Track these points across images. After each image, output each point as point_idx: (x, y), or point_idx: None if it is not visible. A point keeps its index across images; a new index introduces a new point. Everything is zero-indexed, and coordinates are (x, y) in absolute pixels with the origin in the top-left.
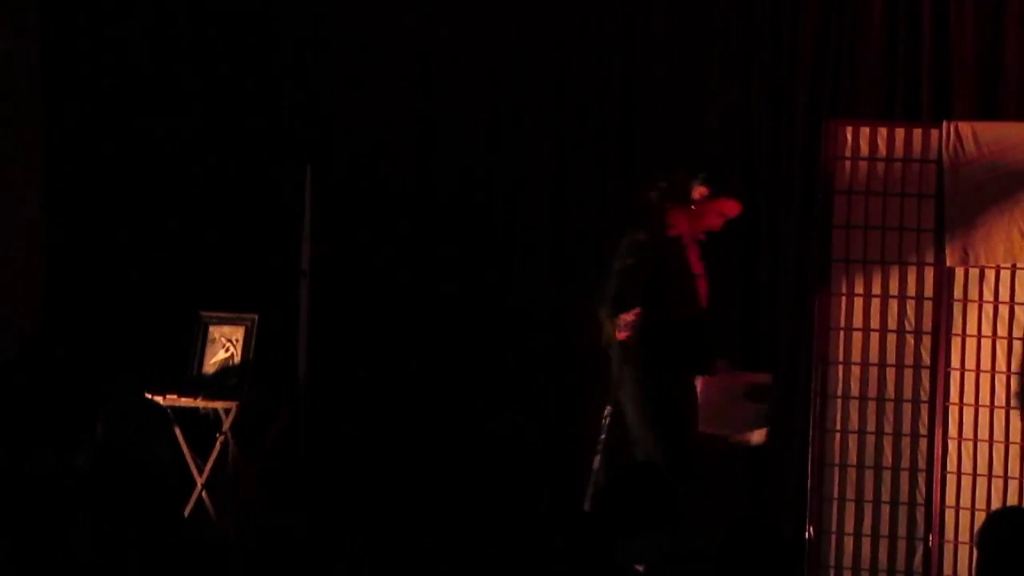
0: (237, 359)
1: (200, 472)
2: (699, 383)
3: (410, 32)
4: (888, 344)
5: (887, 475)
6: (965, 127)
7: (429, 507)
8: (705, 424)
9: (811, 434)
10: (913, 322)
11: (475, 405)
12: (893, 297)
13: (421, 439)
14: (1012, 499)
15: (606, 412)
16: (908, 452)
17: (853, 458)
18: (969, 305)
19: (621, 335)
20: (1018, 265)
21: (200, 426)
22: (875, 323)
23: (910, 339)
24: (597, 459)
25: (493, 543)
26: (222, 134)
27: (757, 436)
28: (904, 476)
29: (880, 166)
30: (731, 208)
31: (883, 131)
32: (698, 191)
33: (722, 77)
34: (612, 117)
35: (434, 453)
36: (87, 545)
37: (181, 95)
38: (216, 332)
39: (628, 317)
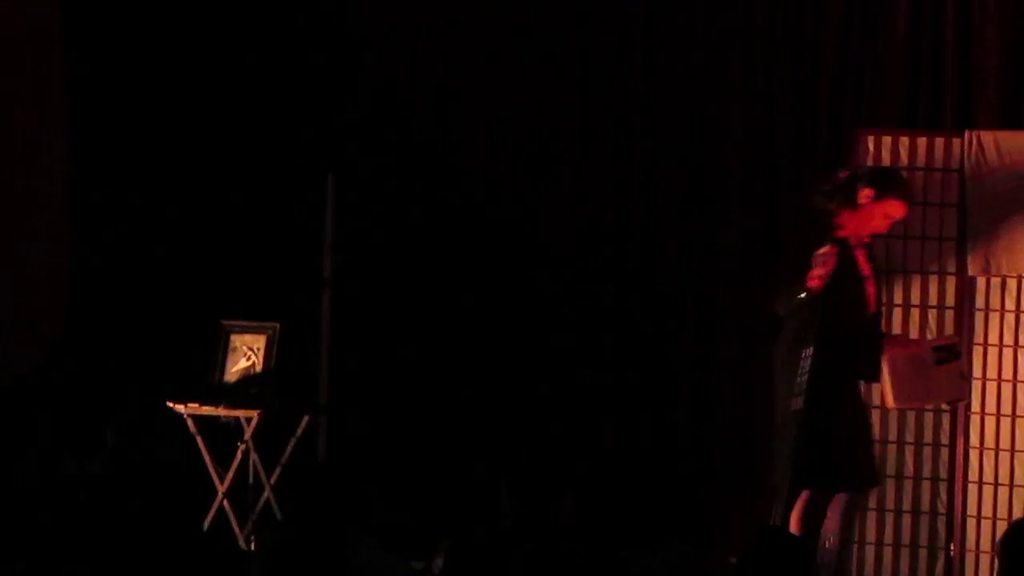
0: (259, 368)
1: (221, 481)
2: (885, 362)
3: (431, 36)
4: None
5: (908, 484)
6: (987, 136)
7: (449, 515)
8: (904, 399)
9: None
10: (935, 331)
11: (498, 414)
12: (915, 306)
13: (444, 448)
14: None
15: (805, 353)
16: (930, 461)
17: None
18: (991, 314)
19: (813, 282)
20: None
21: (222, 435)
22: (897, 332)
23: None
24: (799, 400)
25: (513, 550)
26: (244, 142)
27: (963, 396)
28: (926, 485)
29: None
30: (897, 209)
31: (905, 140)
32: (863, 193)
33: (744, 86)
34: (634, 128)
35: (456, 461)
36: (101, 547)
37: (203, 103)
38: (238, 340)
39: (823, 253)
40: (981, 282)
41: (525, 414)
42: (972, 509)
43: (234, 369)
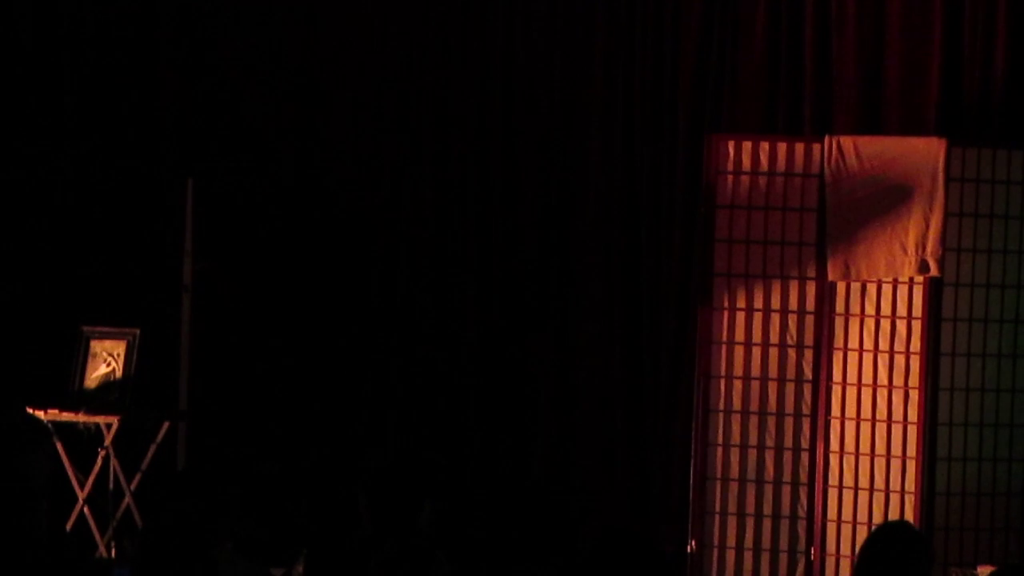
0: (119, 374)
1: (82, 487)
2: None
3: (291, 40)
4: (770, 358)
5: (769, 489)
6: (847, 141)
7: (309, 523)
8: None
9: (693, 448)
10: (795, 336)
11: (360, 420)
12: (775, 311)
13: (303, 455)
14: (892, 512)
15: None
16: (790, 466)
17: (735, 472)
18: (851, 319)
19: None
20: (899, 280)
21: (81, 441)
22: (757, 337)
23: (792, 353)
24: None
25: (371, 557)
26: (102, 145)
27: None
28: (786, 490)
29: (762, 180)
30: None
31: (765, 145)
32: None
33: (604, 90)
34: (494, 130)
35: (316, 469)
36: None
37: (61, 107)
38: (97, 346)
39: None
40: (841, 287)
41: (385, 421)
42: (832, 513)
43: (94, 375)
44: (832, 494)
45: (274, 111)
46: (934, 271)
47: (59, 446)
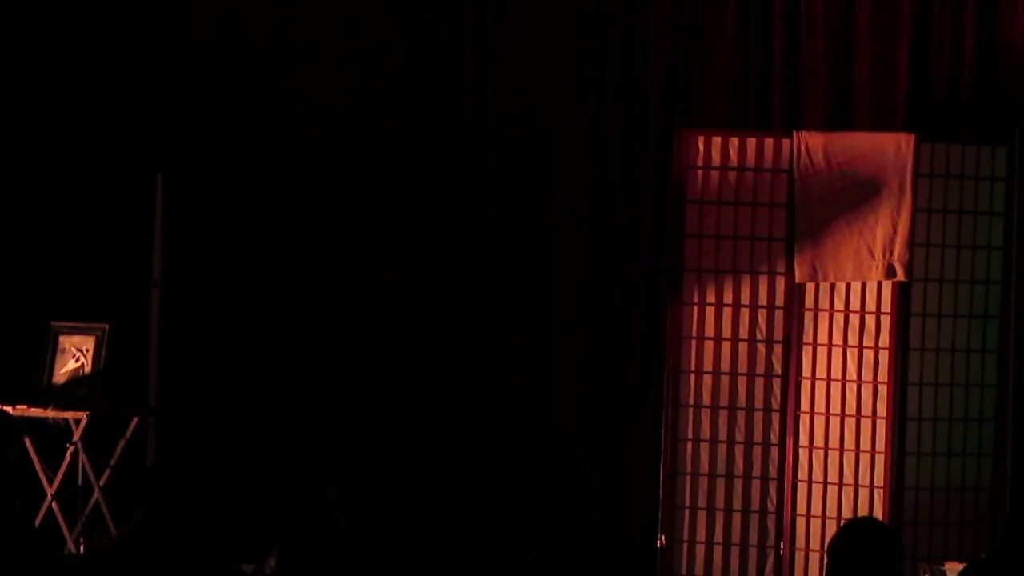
0: (88, 369)
1: (51, 483)
2: None
3: (263, 34)
4: (740, 353)
5: (739, 483)
6: (815, 138)
7: (279, 518)
8: None
9: (663, 443)
10: (764, 331)
11: (331, 415)
12: (745, 306)
13: (274, 450)
14: (862, 507)
15: None
16: (759, 460)
17: (705, 467)
18: (820, 314)
19: None
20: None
21: (50, 436)
22: (727, 332)
23: (761, 348)
24: None
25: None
26: (71, 140)
27: None
28: (755, 484)
29: (732, 175)
30: None
31: (735, 140)
32: None
33: (573, 85)
34: (464, 126)
35: (286, 464)
36: None
37: (29, 100)
38: (66, 342)
39: None
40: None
41: (356, 418)
42: (801, 508)
43: (63, 370)
44: (801, 489)
45: (245, 106)
46: (901, 276)
47: (28, 442)
